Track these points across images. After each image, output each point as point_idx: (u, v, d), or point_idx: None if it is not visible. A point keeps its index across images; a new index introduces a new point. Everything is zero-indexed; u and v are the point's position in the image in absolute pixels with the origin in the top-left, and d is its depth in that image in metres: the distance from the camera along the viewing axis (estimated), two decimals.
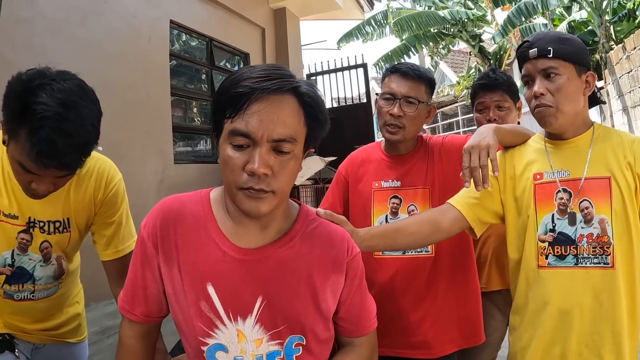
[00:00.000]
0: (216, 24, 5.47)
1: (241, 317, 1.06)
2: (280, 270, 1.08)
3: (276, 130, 0.98)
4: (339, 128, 3.74)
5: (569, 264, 1.43)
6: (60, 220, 1.58)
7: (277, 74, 1.01)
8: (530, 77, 1.48)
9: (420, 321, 1.77)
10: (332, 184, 2.06)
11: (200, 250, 1.08)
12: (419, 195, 1.82)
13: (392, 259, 1.79)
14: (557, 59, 1.43)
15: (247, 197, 0.99)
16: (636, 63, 7.16)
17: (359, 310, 1.21)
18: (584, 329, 1.40)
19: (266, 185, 0.99)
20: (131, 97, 4.05)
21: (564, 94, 1.43)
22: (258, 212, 1.00)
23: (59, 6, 3.48)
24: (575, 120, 1.48)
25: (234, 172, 0.99)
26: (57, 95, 1.25)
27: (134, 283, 1.14)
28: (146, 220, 1.13)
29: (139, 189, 3.98)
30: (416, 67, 1.84)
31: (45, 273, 1.60)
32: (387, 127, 1.82)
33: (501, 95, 2.19)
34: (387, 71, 1.89)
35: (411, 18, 12.00)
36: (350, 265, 1.16)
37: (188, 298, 1.07)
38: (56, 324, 1.71)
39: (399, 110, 1.78)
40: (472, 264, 1.88)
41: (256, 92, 0.97)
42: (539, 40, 1.47)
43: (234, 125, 0.98)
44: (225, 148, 1.00)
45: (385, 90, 1.84)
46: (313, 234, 1.15)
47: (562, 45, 1.44)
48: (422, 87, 1.82)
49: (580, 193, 1.43)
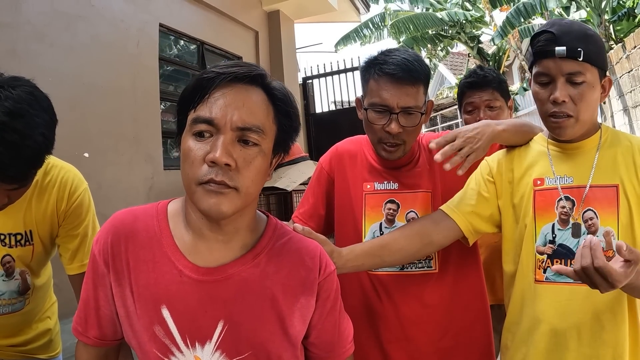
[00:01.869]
0: (208, 27, 5.41)
1: (199, 343, 0.97)
2: (243, 292, 0.98)
3: (241, 117, 0.91)
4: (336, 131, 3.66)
5: (569, 279, 1.26)
6: (22, 233, 1.50)
7: (246, 64, 0.96)
8: (550, 78, 1.28)
9: (421, 347, 1.55)
10: (312, 181, 1.72)
11: (154, 269, 0.98)
12: (419, 199, 1.55)
13: (388, 276, 1.56)
14: (585, 62, 1.24)
15: (207, 193, 0.89)
16: (636, 62, 7.06)
17: (332, 335, 1.10)
18: (582, 353, 1.27)
19: (228, 178, 0.89)
20: (119, 103, 3.99)
21: (586, 102, 1.27)
22: (218, 211, 0.90)
23: (43, 11, 3.43)
24: (588, 126, 1.34)
25: (194, 164, 0.90)
26: (3, 103, 1.17)
27: (87, 304, 1.05)
28: (98, 236, 1.03)
29: (128, 196, 3.90)
30: (410, 64, 1.44)
31: (9, 288, 1.51)
32: (382, 145, 1.50)
33: (491, 94, 2.02)
34: (372, 70, 1.48)
35: (408, 20, 11.93)
36: (322, 286, 1.05)
37: (141, 322, 0.98)
38: (24, 340, 1.62)
39: (397, 126, 1.43)
40: (481, 279, 1.64)
41: (221, 77, 0.91)
42: (566, 35, 1.25)
43: (197, 112, 0.91)
44: (186, 140, 0.92)
45: (376, 100, 1.45)
46: (281, 250, 1.04)
47: (590, 45, 1.25)
48: (420, 90, 1.46)
49: (584, 202, 1.29)
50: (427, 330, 1.54)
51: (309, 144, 7.52)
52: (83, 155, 3.56)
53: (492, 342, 1.64)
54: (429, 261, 1.55)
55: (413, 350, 1.54)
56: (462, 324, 1.57)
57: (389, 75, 1.43)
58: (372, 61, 1.49)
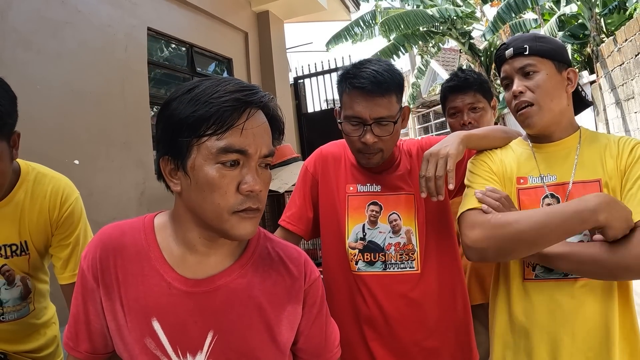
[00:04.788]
0: (197, 30, 5.38)
1: (190, 353, 0.99)
2: (231, 302, 1.01)
3: (265, 144, 0.95)
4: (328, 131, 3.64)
5: (558, 276, 1.33)
6: (17, 244, 1.55)
7: (250, 87, 0.96)
8: (509, 79, 1.43)
9: (407, 348, 1.57)
10: (297, 183, 1.76)
11: (143, 283, 1.00)
12: (402, 201, 1.61)
13: (371, 276, 1.59)
14: (534, 55, 1.38)
15: (243, 220, 0.94)
16: (628, 55, 7.08)
17: (319, 340, 1.13)
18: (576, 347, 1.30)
19: (259, 203, 0.95)
20: (108, 108, 3.95)
21: (544, 90, 1.36)
22: (251, 233, 0.96)
23: (29, 18, 3.40)
24: (561, 119, 1.39)
25: (227, 194, 0.92)
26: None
27: (77, 318, 1.06)
28: (86, 251, 1.05)
29: (119, 203, 3.88)
30: (380, 75, 1.48)
31: (12, 295, 1.57)
32: (361, 155, 1.57)
33: (473, 96, 2.06)
34: (344, 84, 1.53)
35: (399, 17, 11.90)
36: (308, 293, 1.09)
37: (132, 335, 0.99)
38: (37, 347, 1.67)
39: (372, 137, 1.50)
40: (462, 279, 1.68)
41: (251, 105, 0.93)
42: (514, 40, 1.43)
43: (228, 140, 0.91)
44: (208, 169, 0.92)
45: (349, 113, 1.52)
46: (266, 259, 1.07)
47: (538, 42, 1.39)
48: (392, 100, 1.51)
49: (568, 198, 1.33)
50: (412, 330, 1.57)
51: (302, 144, 7.52)
52: (73, 162, 3.53)
53: (474, 343, 1.68)
54: (412, 262, 1.58)
55: (398, 348, 1.57)
56: (448, 325, 1.60)
57: (359, 88, 1.49)
58: (344, 75, 1.56)
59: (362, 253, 1.60)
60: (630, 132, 7.47)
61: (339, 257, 1.64)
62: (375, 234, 1.61)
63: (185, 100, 0.93)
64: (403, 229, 1.60)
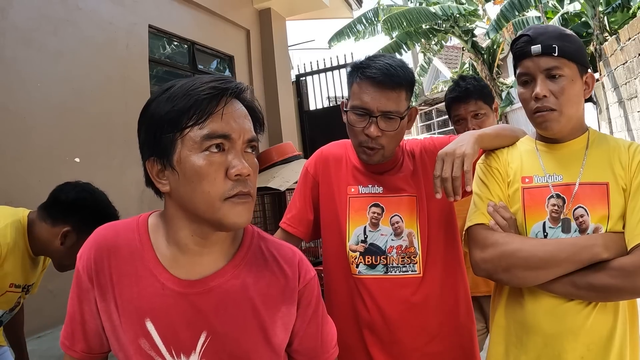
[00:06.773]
0: (198, 27, 5.37)
1: (184, 354, 0.99)
2: (225, 303, 1.00)
3: (247, 129, 0.96)
4: (331, 128, 3.61)
5: None
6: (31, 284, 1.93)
7: (225, 77, 0.99)
8: (531, 77, 1.34)
9: (408, 354, 1.55)
10: (298, 184, 1.73)
11: (137, 283, 1.00)
12: (405, 203, 1.57)
13: (372, 279, 1.56)
14: (561, 57, 1.30)
15: (235, 206, 0.92)
16: (631, 54, 7.05)
17: (315, 341, 1.11)
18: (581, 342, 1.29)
19: (249, 187, 0.94)
20: (109, 106, 3.95)
21: (567, 97, 1.31)
22: (246, 221, 0.95)
23: (30, 16, 3.40)
24: (575, 123, 1.37)
25: (216, 181, 0.91)
26: None
27: (73, 318, 1.06)
28: (81, 252, 1.05)
29: (120, 201, 3.81)
30: (392, 69, 1.46)
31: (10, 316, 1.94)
32: (363, 149, 1.52)
33: (475, 104, 2.20)
34: (355, 74, 1.51)
35: (401, 15, 11.87)
36: (302, 294, 1.07)
37: (127, 335, 0.99)
38: None
39: (376, 130, 1.46)
40: (465, 282, 1.65)
41: (227, 92, 0.94)
42: (541, 35, 1.33)
43: (210, 127, 0.91)
44: (195, 159, 0.91)
45: (357, 103, 1.48)
46: (259, 259, 1.06)
47: (565, 42, 1.32)
48: (402, 95, 1.48)
49: (574, 199, 1.31)
50: (413, 334, 1.54)
51: (304, 141, 7.49)
52: (74, 160, 3.53)
53: (477, 348, 1.66)
54: (414, 265, 1.55)
55: (399, 353, 1.54)
56: (450, 330, 1.57)
57: (371, 78, 1.46)
58: (356, 65, 1.53)
59: (363, 256, 1.58)
60: (633, 131, 7.45)
61: (339, 260, 1.61)
62: (377, 237, 1.58)
63: (163, 99, 0.94)
64: (405, 232, 1.57)
